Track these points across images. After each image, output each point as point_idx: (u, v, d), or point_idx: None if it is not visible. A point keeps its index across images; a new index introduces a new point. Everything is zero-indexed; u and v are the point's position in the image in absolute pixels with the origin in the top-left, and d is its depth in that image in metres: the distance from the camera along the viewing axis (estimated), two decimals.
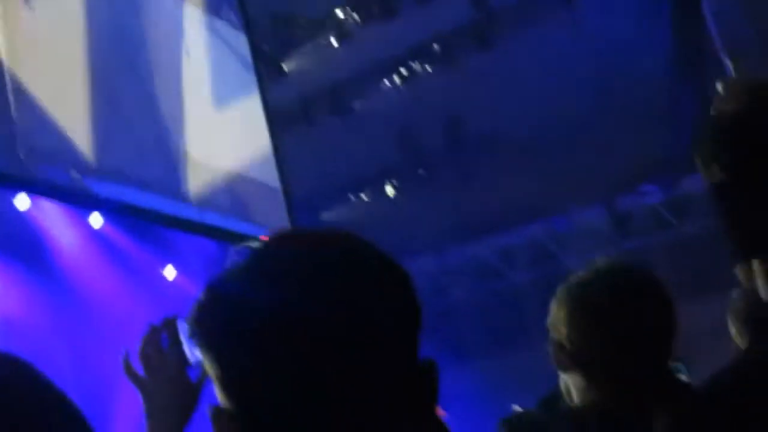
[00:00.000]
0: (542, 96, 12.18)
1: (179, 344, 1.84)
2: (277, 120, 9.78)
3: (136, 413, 1.91)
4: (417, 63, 11.78)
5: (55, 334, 11.14)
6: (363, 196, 14.31)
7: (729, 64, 12.11)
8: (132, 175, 7.65)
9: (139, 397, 1.86)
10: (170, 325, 1.86)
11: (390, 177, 14.03)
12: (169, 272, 11.66)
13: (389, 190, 14.06)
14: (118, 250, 10.50)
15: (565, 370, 2.27)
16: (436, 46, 12.55)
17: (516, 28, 11.69)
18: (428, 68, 11.78)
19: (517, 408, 13.52)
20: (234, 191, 8.73)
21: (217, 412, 1.21)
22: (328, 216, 14.68)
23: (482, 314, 17.04)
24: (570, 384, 2.28)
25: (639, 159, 14.69)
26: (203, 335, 1.21)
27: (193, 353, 1.82)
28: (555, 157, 13.59)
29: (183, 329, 1.83)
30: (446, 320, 17.29)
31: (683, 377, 3.91)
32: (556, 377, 4.30)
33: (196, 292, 1.25)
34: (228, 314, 1.20)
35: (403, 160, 13.53)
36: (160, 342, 1.87)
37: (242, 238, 8.59)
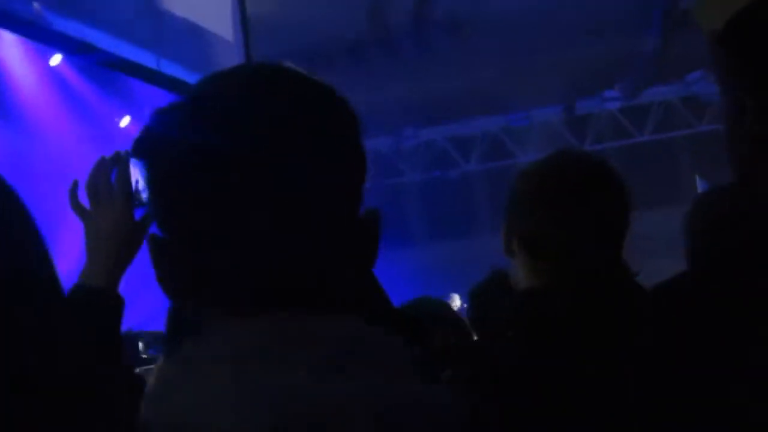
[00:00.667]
0: None
1: (128, 180, 1.80)
2: None
3: (80, 248, 1.90)
4: None
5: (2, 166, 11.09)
6: (324, 70, 14.21)
7: None
8: (98, 15, 7.50)
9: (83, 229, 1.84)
10: (121, 161, 1.81)
11: (354, 52, 13.91)
12: (125, 122, 11.62)
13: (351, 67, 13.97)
14: (75, 92, 10.40)
15: (513, 255, 2.27)
16: None
17: None
18: None
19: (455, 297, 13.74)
20: (198, 44, 8.61)
21: (151, 239, 1.24)
22: None
23: (431, 200, 17.13)
24: (518, 271, 2.29)
25: (603, 62, 14.68)
26: (142, 168, 1.23)
27: (142, 193, 1.78)
28: (520, 48, 13.53)
29: (135, 169, 1.79)
30: (396, 203, 17.39)
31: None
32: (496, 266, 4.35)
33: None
34: (160, 148, 1.22)
35: (369, 35, 13.41)
36: (110, 176, 1.82)
37: None
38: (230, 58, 8.82)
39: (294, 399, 1.11)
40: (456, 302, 14.96)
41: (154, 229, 1.26)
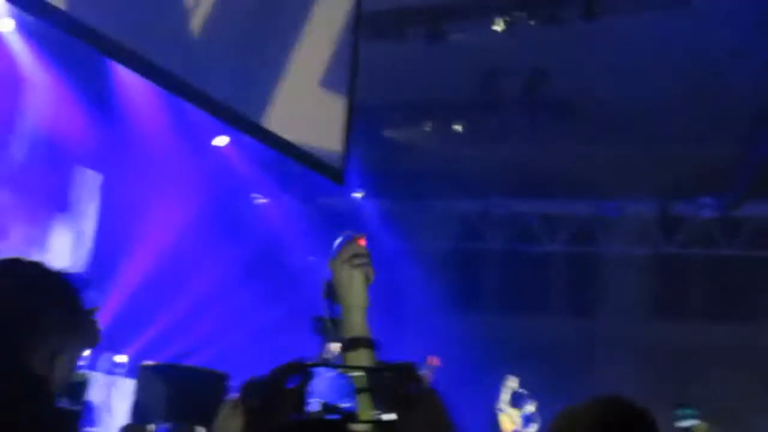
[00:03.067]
0: (633, 76, 12.03)
1: None
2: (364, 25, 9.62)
3: None
4: (521, 11, 11.60)
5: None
6: (428, 125, 14.24)
7: None
8: None
9: None
10: None
11: (461, 115, 13.95)
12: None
13: (457, 127, 13.99)
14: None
15: None
16: None
17: (630, 4, 11.49)
18: (530, 21, 11.59)
19: None
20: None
21: None
22: (388, 133, 14.63)
23: (509, 270, 17.05)
24: None
25: (707, 167, 14.53)
26: None
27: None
28: (624, 137, 13.46)
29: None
30: (473, 267, 17.32)
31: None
32: None
33: None
34: None
35: (479, 102, 13.44)
36: None
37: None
38: (334, 101, 8.85)
39: None
40: (512, 384, 14.84)
41: None
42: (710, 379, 17.20)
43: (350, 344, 2.46)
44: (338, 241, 2.49)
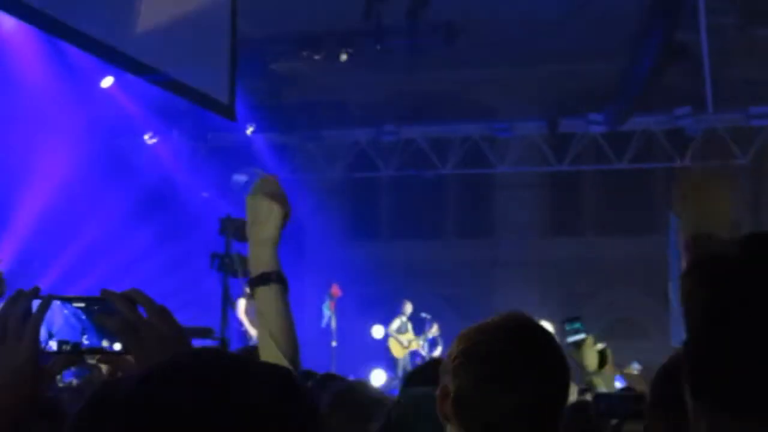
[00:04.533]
0: None
1: (40, 323, 1.68)
2: None
3: None
4: None
5: None
6: (313, 56, 14.21)
7: (703, 15, 12.15)
8: None
9: None
10: (42, 302, 1.70)
11: (346, 44, 13.94)
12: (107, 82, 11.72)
13: (343, 57, 13.98)
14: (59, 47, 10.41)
15: (446, 419, 2.26)
16: None
17: None
18: None
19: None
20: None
21: None
22: (275, 66, 14.58)
23: (402, 198, 17.19)
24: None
25: (593, 84, 14.77)
26: None
27: (48, 342, 1.68)
28: (512, 59, 13.60)
29: (54, 309, 1.69)
30: (368, 197, 17.45)
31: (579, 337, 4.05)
32: None
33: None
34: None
35: (363, 30, 13.44)
36: (23, 313, 1.69)
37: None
38: (218, 36, 8.81)
39: None
40: (408, 308, 15.03)
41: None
42: (608, 293, 17.64)
43: (261, 279, 2.48)
44: (239, 178, 2.51)
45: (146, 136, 15.22)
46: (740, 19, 12.76)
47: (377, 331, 14.75)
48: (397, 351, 14.59)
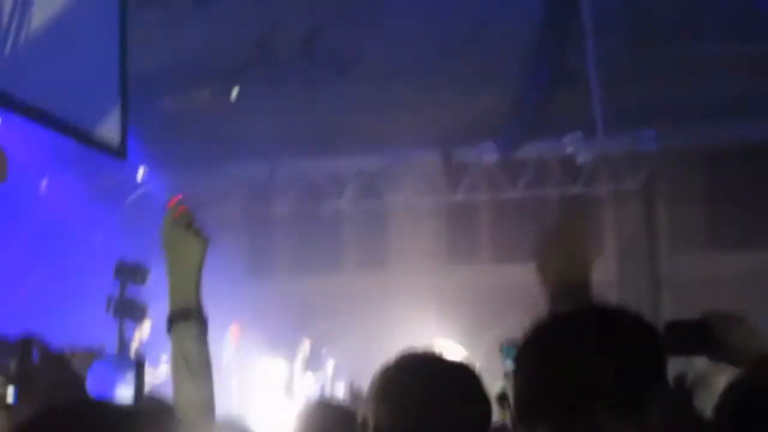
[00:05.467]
0: (402, 28, 12.21)
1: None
2: None
3: None
4: None
5: None
6: (205, 91, 14.12)
7: (591, 40, 12.37)
8: None
9: None
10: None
11: (236, 78, 13.87)
12: None
13: (234, 91, 13.91)
14: None
15: None
16: None
17: None
18: None
19: None
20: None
21: None
22: (167, 103, 14.44)
23: (300, 233, 17.14)
24: None
25: (484, 113, 14.91)
26: None
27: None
28: (404, 91, 13.66)
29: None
30: (264, 233, 17.35)
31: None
32: None
33: None
34: None
35: (255, 63, 13.39)
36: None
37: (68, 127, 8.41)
38: (107, 75, 8.70)
39: None
40: (306, 347, 14.93)
41: None
42: (505, 320, 17.72)
43: (181, 314, 2.37)
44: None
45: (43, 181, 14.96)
46: (627, 43, 13.00)
47: (279, 367, 14.63)
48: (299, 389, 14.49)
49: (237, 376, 13.50)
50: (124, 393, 1.62)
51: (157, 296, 2.52)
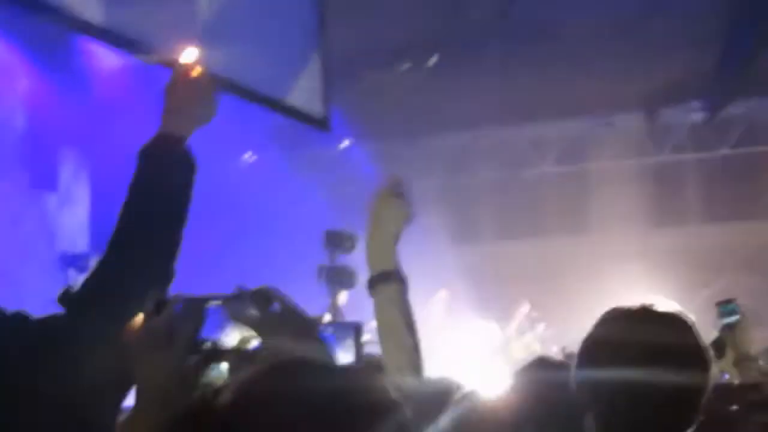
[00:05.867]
0: None
1: (195, 330, 1.72)
2: None
3: None
4: None
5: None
6: (405, 63, 14.26)
7: None
8: None
9: None
10: (196, 310, 1.74)
11: (435, 49, 13.95)
12: None
13: (431, 62, 14.00)
14: None
15: None
16: None
17: None
18: None
19: None
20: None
21: None
22: (367, 76, 14.65)
23: (503, 198, 17.17)
24: None
25: (689, 72, 14.59)
26: None
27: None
28: (604, 56, 13.49)
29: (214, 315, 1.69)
30: (464, 198, 17.43)
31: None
32: None
33: None
34: None
35: (453, 34, 13.45)
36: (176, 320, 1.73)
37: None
38: (309, 50, 8.90)
39: None
40: (523, 311, 14.92)
41: None
42: (719, 281, 17.33)
43: (382, 277, 2.44)
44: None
45: (246, 156, 15.37)
46: None
47: (491, 331, 14.67)
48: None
49: (447, 339, 13.63)
50: (345, 358, 1.72)
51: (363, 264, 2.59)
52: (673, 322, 2.26)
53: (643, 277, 16.56)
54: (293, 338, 1.72)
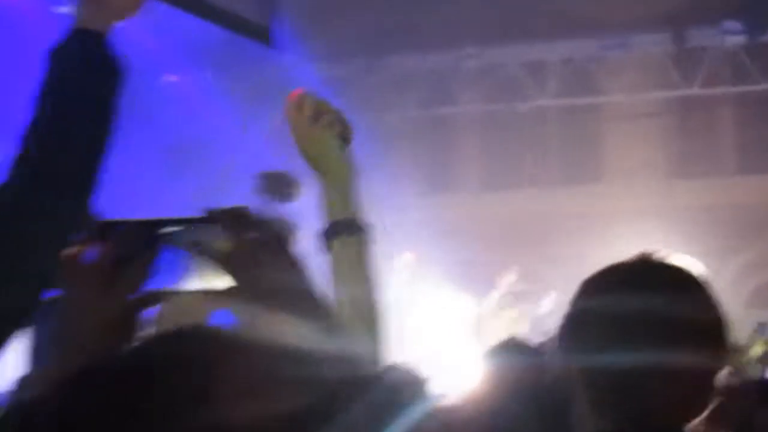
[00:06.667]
0: None
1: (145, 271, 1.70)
2: None
3: None
4: None
5: None
6: None
7: None
8: None
9: None
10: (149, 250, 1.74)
11: None
12: None
13: None
14: None
15: None
16: None
17: None
18: None
19: None
20: None
21: None
22: None
23: (492, 136, 17.24)
24: None
25: None
26: None
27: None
28: None
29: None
30: (447, 137, 17.48)
31: None
32: None
33: None
34: None
35: None
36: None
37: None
38: None
39: None
40: (509, 280, 14.96)
41: None
42: (755, 244, 17.48)
43: (339, 228, 2.32)
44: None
45: (167, 76, 15.32)
46: None
47: (465, 304, 14.77)
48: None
49: (411, 314, 13.67)
50: None
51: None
52: (681, 282, 2.27)
53: (662, 238, 16.70)
54: (275, 279, 1.70)
